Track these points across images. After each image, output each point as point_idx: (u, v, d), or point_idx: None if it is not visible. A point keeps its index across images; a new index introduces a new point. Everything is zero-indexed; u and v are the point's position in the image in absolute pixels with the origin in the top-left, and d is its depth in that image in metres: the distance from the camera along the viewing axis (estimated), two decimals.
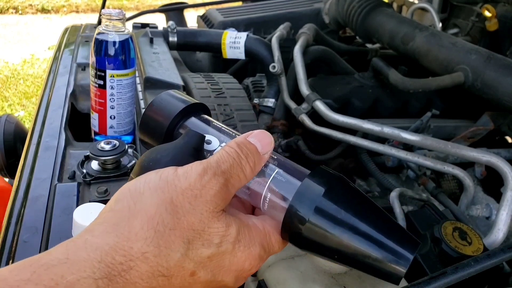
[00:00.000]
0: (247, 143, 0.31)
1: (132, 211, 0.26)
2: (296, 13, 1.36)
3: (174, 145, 0.32)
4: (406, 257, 0.28)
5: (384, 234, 0.28)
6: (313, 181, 0.30)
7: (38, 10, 4.87)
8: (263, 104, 0.99)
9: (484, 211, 0.70)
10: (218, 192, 0.28)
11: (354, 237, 0.28)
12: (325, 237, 0.29)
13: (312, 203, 0.29)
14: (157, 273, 0.26)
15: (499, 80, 0.80)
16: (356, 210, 0.29)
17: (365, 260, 0.29)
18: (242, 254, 0.29)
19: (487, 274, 0.45)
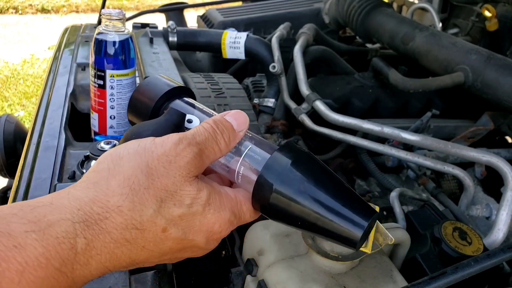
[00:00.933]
0: (224, 121, 0.34)
1: (111, 172, 0.29)
2: (296, 13, 1.36)
3: (156, 121, 0.36)
4: (361, 224, 0.31)
5: (343, 202, 0.31)
6: (281, 154, 0.33)
7: (38, 10, 4.87)
8: (263, 104, 0.99)
9: (484, 211, 0.70)
10: (192, 160, 0.31)
11: (315, 205, 0.31)
12: (289, 205, 0.32)
13: (279, 173, 0.32)
14: (130, 226, 0.28)
15: (499, 80, 0.80)
16: (318, 180, 0.32)
17: (325, 227, 0.31)
18: (212, 216, 0.31)
19: (487, 274, 0.45)
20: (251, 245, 0.47)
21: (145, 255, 0.30)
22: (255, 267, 0.44)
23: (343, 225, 0.31)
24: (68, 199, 0.28)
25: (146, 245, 0.29)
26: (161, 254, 0.31)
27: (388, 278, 0.42)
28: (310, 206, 0.31)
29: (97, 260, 0.27)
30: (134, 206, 0.28)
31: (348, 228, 0.31)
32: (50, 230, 0.25)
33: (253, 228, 0.48)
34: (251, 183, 0.33)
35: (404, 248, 0.50)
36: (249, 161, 0.34)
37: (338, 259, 0.40)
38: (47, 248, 0.25)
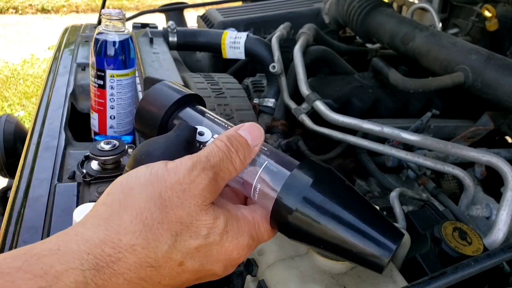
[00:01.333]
0: (238, 136, 0.32)
1: (122, 205, 0.28)
2: (296, 13, 1.36)
3: (166, 138, 0.33)
4: (389, 247, 0.29)
5: (368, 224, 0.29)
6: (302, 172, 0.31)
7: (38, 10, 4.87)
8: (263, 104, 0.99)
9: (484, 211, 0.70)
10: (207, 186, 0.29)
11: (339, 227, 0.29)
12: (311, 226, 0.30)
13: (300, 193, 0.30)
14: (145, 264, 0.27)
15: (499, 80, 0.80)
16: (342, 201, 0.30)
17: (350, 249, 0.29)
18: (230, 244, 0.30)
19: (487, 274, 0.45)
20: None
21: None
22: (255, 267, 0.44)
23: (369, 248, 0.29)
24: (77, 242, 0.26)
25: (161, 280, 0.28)
26: (178, 285, 0.30)
27: (388, 278, 0.42)
28: (334, 228, 0.29)
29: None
30: (148, 243, 0.27)
31: (375, 252, 0.29)
32: (59, 283, 0.24)
33: None
34: (269, 200, 0.32)
35: (404, 248, 0.50)
36: (267, 178, 0.32)
37: (338, 259, 0.40)
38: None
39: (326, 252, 0.31)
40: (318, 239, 0.30)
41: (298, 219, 0.30)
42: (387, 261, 0.29)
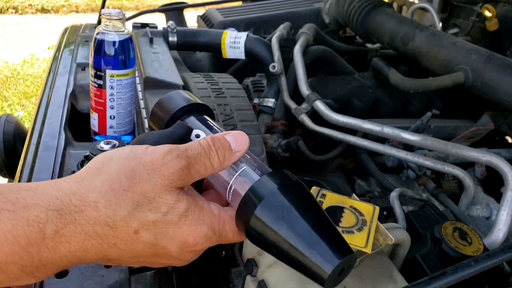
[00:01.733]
0: (222, 139, 0.35)
1: (99, 171, 0.32)
2: (296, 13, 1.36)
3: (161, 132, 0.37)
4: (333, 261, 0.29)
5: (319, 236, 0.30)
6: (270, 179, 0.33)
7: (38, 10, 4.87)
8: (263, 104, 0.99)
9: (484, 211, 0.70)
10: (177, 171, 0.32)
11: (289, 233, 0.30)
12: (265, 230, 0.31)
13: (262, 197, 0.32)
14: (103, 222, 0.30)
15: (499, 80, 0.80)
16: (299, 210, 0.31)
17: (297, 258, 0.30)
18: (187, 228, 0.32)
19: (487, 275, 0.45)
20: (251, 245, 0.47)
21: (117, 253, 0.31)
22: (255, 267, 0.44)
23: (314, 259, 0.30)
24: (52, 188, 0.30)
25: (117, 243, 0.31)
26: (134, 255, 0.32)
27: (388, 278, 0.42)
28: (285, 234, 0.30)
29: (66, 247, 0.29)
30: (110, 204, 0.30)
31: (318, 263, 0.29)
32: (23, 212, 0.28)
33: None
34: (238, 203, 0.33)
35: (404, 248, 0.50)
36: (241, 181, 0.35)
37: None
38: (15, 227, 0.27)
39: (280, 260, 0.32)
40: (272, 244, 0.31)
41: (256, 222, 0.31)
42: (328, 273, 0.29)
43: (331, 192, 0.45)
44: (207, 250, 0.35)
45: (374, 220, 0.42)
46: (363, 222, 0.41)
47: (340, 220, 0.41)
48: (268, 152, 0.80)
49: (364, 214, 0.42)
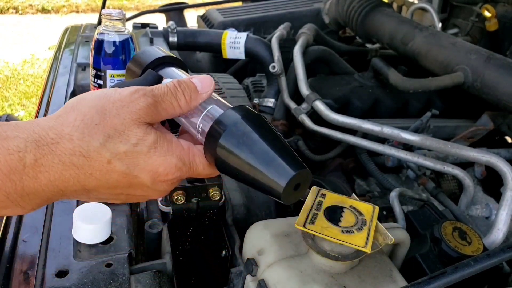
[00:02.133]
0: (188, 81, 0.38)
1: (73, 108, 0.35)
2: (296, 13, 1.36)
3: (133, 81, 0.39)
4: (287, 175, 0.33)
5: (274, 154, 0.33)
6: (232, 112, 0.36)
7: (38, 10, 4.87)
8: (263, 104, 0.99)
9: (484, 211, 0.70)
10: (144, 107, 0.34)
11: (249, 156, 0.33)
12: (229, 157, 0.34)
13: (224, 127, 0.35)
14: (78, 153, 0.33)
15: (499, 80, 0.80)
16: (258, 135, 0.34)
17: (256, 176, 0.34)
18: (157, 158, 0.35)
19: (486, 274, 0.45)
20: (251, 244, 0.47)
21: (94, 183, 0.34)
22: (255, 267, 0.44)
23: (270, 175, 0.33)
24: (32, 124, 0.33)
25: (93, 172, 0.33)
26: (110, 186, 0.35)
27: (388, 278, 0.43)
28: (245, 156, 0.33)
29: (46, 176, 0.32)
30: (83, 136, 0.33)
31: (274, 179, 0.33)
32: (4, 142, 0.31)
33: (253, 227, 0.48)
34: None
35: (404, 248, 0.50)
36: (207, 121, 0.37)
37: (338, 259, 0.40)
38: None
39: (243, 183, 0.36)
40: (236, 169, 0.34)
41: (222, 150, 0.34)
42: (284, 186, 0.32)
43: (331, 192, 0.45)
44: (207, 250, 0.35)
45: (374, 220, 0.42)
46: (363, 222, 0.41)
47: (340, 220, 0.41)
48: None
49: (363, 214, 0.42)
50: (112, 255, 0.44)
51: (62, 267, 0.43)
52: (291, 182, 0.32)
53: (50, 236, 0.47)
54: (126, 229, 0.48)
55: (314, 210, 0.42)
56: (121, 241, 0.47)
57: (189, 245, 0.56)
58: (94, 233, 0.45)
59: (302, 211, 0.41)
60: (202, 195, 0.52)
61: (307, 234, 0.42)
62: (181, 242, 0.56)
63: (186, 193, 0.51)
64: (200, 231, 0.56)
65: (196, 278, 0.58)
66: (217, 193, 0.53)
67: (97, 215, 0.45)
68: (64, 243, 0.46)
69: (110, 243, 0.46)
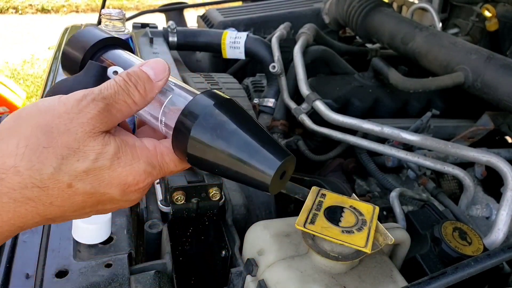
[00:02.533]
0: (138, 72, 0.33)
1: (11, 131, 0.30)
2: (296, 13, 1.36)
3: (75, 77, 0.34)
4: (274, 164, 0.30)
5: (258, 143, 0.30)
6: (201, 98, 0.32)
7: (38, 10, 4.87)
8: (263, 104, 0.99)
9: (484, 211, 0.70)
10: (96, 115, 0.30)
11: (229, 148, 0.30)
12: (205, 150, 0.31)
13: (195, 117, 0.31)
14: (30, 185, 0.29)
15: (499, 80, 0.80)
16: (235, 124, 0.31)
17: (240, 170, 0.31)
18: (123, 169, 0.31)
19: (487, 274, 0.45)
20: (251, 245, 0.47)
21: (57, 211, 0.30)
22: (255, 267, 0.44)
23: (256, 166, 0.30)
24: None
25: (53, 201, 0.30)
26: (77, 208, 0.31)
27: (388, 278, 0.42)
28: (224, 149, 0.30)
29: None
30: (32, 165, 0.28)
31: (260, 169, 0.30)
32: None
33: (253, 228, 0.48)
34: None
35: (404, 248, 0.50)
36: (171, 111, 0.33)
37: (338, 259, 0.40)
38: None
39: (223, 176, 0.32)
40: (214, 163, 0.31)
41: (195, 143, 0.31)
42: (272, 175, 0.30)
43: (331, 192, 0.45)
44: (207, 250, 0.35)
45: (374, 220, 0.42)
46: (363, 222, 0.41)
47: (340, 220, 0.41)
48: None
49: (364, 214, 0.42)
50: (112, 255, 0.44)
51: (62, 267, 0.43)
52: (278, 171, 0.30)
53: (50, 237, 0.47)
54: (126, 229, 0.48)
55: (314, 210, 0.42)
56: (121, 241, 0.46)
57: (189, 245, 0.56)
58: (94, 233, 0.45)
59: (302, 211, 0.41)
60: (202, 195, 0.52)
61: (307, 234, 0.42)
62: (181, 242, 0.56)
63: (186, 193, 0.51)
64: (200, 231, 0.56)
65: (196, 278, 0.58)
66: (217, 193, 0.52)
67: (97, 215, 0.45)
68: (64, 243, 0.46)
69: (110, 243, 0.46)
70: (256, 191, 0.66)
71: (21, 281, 0.42)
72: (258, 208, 0.65)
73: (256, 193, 0.66)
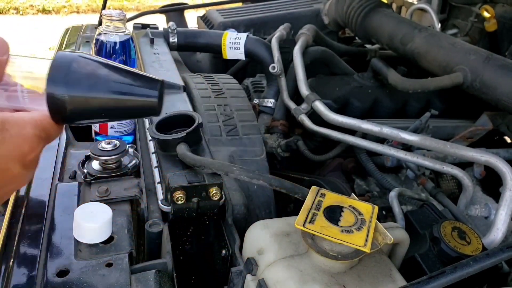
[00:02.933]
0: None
1: None
2: (295, 13, 1.37)
3: None
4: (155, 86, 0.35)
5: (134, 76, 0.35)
6: (60, 61, 0.33)
7: (39, 11, 4.88)
8: (263, 104, 0.99)
9: (483, 210, 0.70)
10: None
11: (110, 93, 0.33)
12: (87, 102, 0.33)
13: (64, 79, 0.32)
14: None
15: (498, 81, 0.80)
16: (106, 66, 0.34)
17: (126, 103, 0.34)
18: (17, 139, 0.32)
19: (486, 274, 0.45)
20: (251, 244, 0.47)
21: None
22: (255, 266, 0.44)
23: (142, 93, 0.34)
24: None
25: None
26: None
27: (388, 277, 0.43)
28: (107, 95, 0.33)
29: None
30: None
31: (146, 94, 0.34)
32: None
33: (253, 227, 0.48)
34: (40, 99, 0.33)
35: (403, 248, 0.50)
36: (29, 81, 0.34)
37: (338, 258, 0.40)
38: None
39: (111, 120, 0.36)
40: (99, 111, 0.34)
41: (74, 102, 0.33)
42: (157, 96, 0.34)
43: (331, 192, 0.45)
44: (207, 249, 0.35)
45: (373, 219, 0.42)
46: (362, 222, 0.42)
47: (339, 220, 0.41)
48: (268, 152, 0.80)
49: (363, 214, 0.43)
50: (112, 255, 0.45)
51: (62, 267, 0.43)
52: (160, 93, 0.34)
53: (51, 236, 0.47)
54: (127, 229, 0.49)
55: (314, 210, 0.42)
56: (122, 240, 0.47)
57: (189, 245, 0.56)
58: (94, 233, 0.45)
59: (301, 211, 0.42)
60: (202, 195, 0.52)
61: (307, 233, 0.42)
62: (181, 242, 0.56)
63: (186, 193, 0.52)
64: (201, 230, 0.56)
65: (197, 277, 0.58)
66: (217, 192, 0.53)
67: (98, 214, 0.46)
68: (65, 242, 0.46)
69: (110, 242, 0.46)
70: (256, 191, 0.66)
71: (22, 280, 0.42)
72: (258, 207, 0.66)
73: (256, 193, 0.66)
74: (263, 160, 0.69)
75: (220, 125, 0.73)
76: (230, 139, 0.70)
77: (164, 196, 0.54)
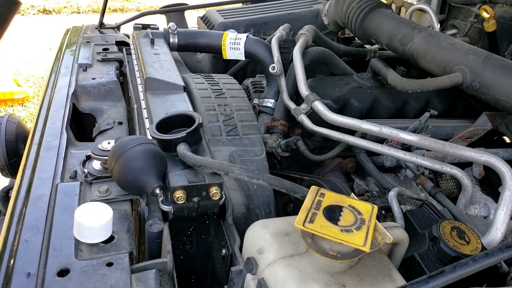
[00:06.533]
0: None
1: None
2: (295, 14, 1.37)
3: None
4: None
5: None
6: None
7: (40, 11, 4.88)
8: (262, 104, 0.99)
9: (482, 210, 0.70)
10: None
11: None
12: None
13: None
14: None
15: (497, 81, 0.80)
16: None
17: None
18: None
19: (485, 273, 0.46)
20: (251, 244, 0.47)
21: None
22: (255, 266, 0.44)
23: None
24: None
25: None
26: None
27: (387, 277, 0.43)
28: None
29: None
30: None
31: None
32: None
33: (253, 227, 0.48)
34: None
35: (403, 247, 0.50)
36: None
37: (337, 257, 0.40)
38: None
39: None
40: None
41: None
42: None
43: (330, 192, 0.45)
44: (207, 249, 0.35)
45: (373, 219, 0.42)
46: (362, 221, 0.42)
47: (339, 219, 0.42)
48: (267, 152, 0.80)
49: (362, 213, 0.43)
50: (113, 254, 0.45)
51: (63, 266, 0.43)
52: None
53: (52, 235, 0.47)
54: (127, 229, 0.49)
55: (314, 210, 0.42)
56: (122, 240, 0.47)
57: (189, 244, 0.57)
58: (95, 232, 0.46)
59: (301, 210, 0.42)
60: (202, 195, 0.53)
61: (307, 233, 0.42)
62: (181, 241, 0.56)
63: (186, 192, 0.52)
64: (201, 230, 0.56)
65: (197, 276, 0.59)
66: (218, 192, 0.53)
67: (98, 214, 0.46)
68: (66, 242, 0.46)
69: (111, 242, 0.46)
70: (256, 191, 0.66)
71: (22, 279, 0.43)
72: (258, 207, 0.66)
73: (256, 192, 0.66)
74: (263, 160, 0.69)
75: (220, 125, 0.73)
76: (230, 139, 0.71)
77: (164, 196, 0.54)
